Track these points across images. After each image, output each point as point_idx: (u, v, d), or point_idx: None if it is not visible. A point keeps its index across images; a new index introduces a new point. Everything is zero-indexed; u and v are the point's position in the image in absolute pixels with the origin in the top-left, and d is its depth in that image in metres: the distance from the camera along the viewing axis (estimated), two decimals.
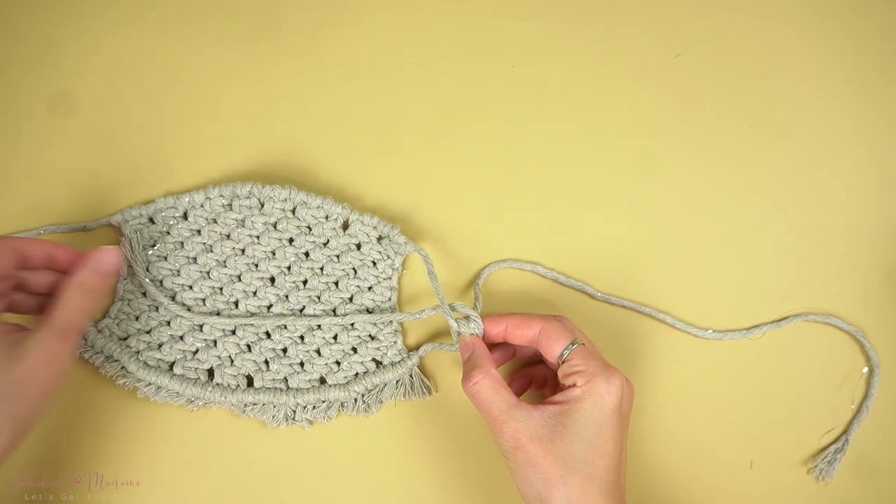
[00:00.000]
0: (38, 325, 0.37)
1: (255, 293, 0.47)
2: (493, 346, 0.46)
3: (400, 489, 0.46)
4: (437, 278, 0.46)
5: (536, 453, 0.40)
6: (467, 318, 0.45)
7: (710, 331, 0.49)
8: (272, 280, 0.48)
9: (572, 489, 0.38)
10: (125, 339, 0.47)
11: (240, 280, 0.47)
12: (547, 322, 0.43)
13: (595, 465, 0.39)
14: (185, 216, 0.48)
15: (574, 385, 0.41)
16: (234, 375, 0.46)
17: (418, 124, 0.52)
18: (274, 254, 0.48)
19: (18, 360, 0.34)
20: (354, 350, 0.47)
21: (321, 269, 0.48)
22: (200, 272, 0.47)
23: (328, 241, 0.48)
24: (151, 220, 0.48)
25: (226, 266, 0.47)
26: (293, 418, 0.46)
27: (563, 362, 0.42)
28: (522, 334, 0.44)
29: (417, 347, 0.48)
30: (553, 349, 0.42)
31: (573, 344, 0.42)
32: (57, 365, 0.36)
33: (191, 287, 0.47)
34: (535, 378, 0.47)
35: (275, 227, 0.48)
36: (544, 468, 0.39)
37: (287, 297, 0.47)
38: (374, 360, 0.47)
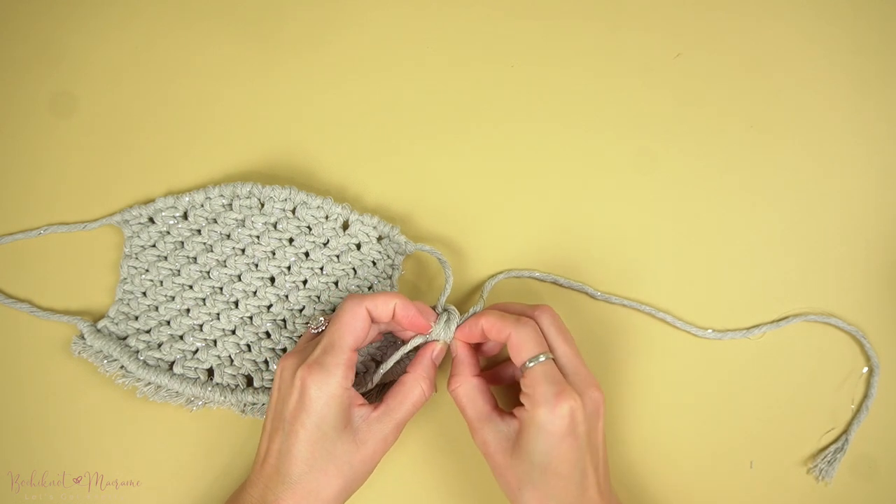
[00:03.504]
0: (379, 413, 0.41)
1: (255, 293, 0.47)
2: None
3: (400, 489, 0.46)
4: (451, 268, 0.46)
5: (500, 464, 0.40)
6: (448, 320, 0.44)
7: (710, 330, 0.49)
8: (272, 280, 0.48)
9: None
10: (125, 338, 0.47)
11: (240, 280, 0.47)
12: (517, 329, 0.41)
13: (550, 485, 0.38)
14: (186, 216, 0.48)
15: (524, 406, 0.40)
16: (234, 375, 0.46)
17: (418, 124, 0.52)
18: (274, 254, 0.48)
19: (362, 446, 0.40)
20: None
21: (321, 268, 0.48)
22: (200, 272, 0.47)
23: (328, 241, 0.48)
24: (151, 220, 0.48)
25: (226, 266, 0.47)
26: None
27: (522, 377, 0.41)
28: (496, 338, 0.43)
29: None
30: (517, 359, 0.41)
31: (531, 361, 0.40)
32: (387, 448, 0.41)
33: (191, 287, 0.47)
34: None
35: (275, 227, 0.48)
36: (506, 479, 0.40)
37: (287, 297, 0.47)
38: (374, 360, 0.47)
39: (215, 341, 0.47)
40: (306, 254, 0.48)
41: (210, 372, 0.47)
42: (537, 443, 0.39)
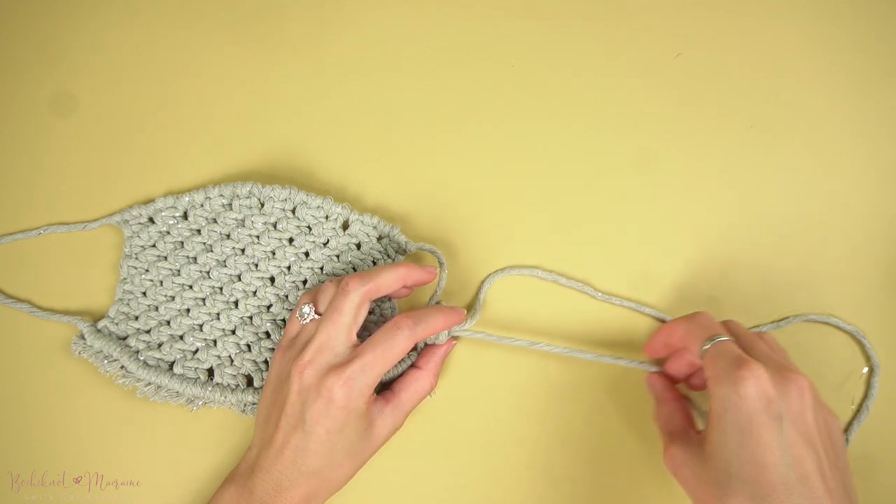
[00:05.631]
0: (392, 406, 0.42)
1: (254, 293, 0.47)
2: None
3: (399, 489, 0.46)
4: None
5: (691, 478, 0.36)
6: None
7: None
8: (272, 280, 0.48)
9: None
10: (125, 338, 0.47)
11: (240, 280, 0.47)
12: (688, 319, 0.41)
13: (754, 481, 0.32)
14: (185, 216, 0.48)
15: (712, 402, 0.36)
16: (234, 375, 0.46)
17: (418, 124, 0.52)
18: (274, 253, 0.48)
19: (375, 438, 0.42)
20: None
21: (321, 268, 0.48)
22: (200, 272, 0.47)
23: (328, 240, 0.48)
24: (151, 220, 0.48)
25: (226, 266, 0.47)
26: None
27: (703, 364, 0.38)
28: (669, 338, 0.43)
29: (415, 348, 0.48)
30: (694, 348, 0.39)
31: (707, 343, 0.37)
32: (394, 433, 0.43)
33: (191, 287, 0.47)
34: None
35: (275, 226, 0.48)
36: (702, 496, 0.35)
37: (287, 297, 0.47)
38: None
39: (215, 341, 0.47)
40: (306, 253, 0.48)
41: (210, 372, 0.47)
42: (728, 432, 0.34)
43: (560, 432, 0.47)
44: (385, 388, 0.44)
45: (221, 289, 0.47)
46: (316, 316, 0.43)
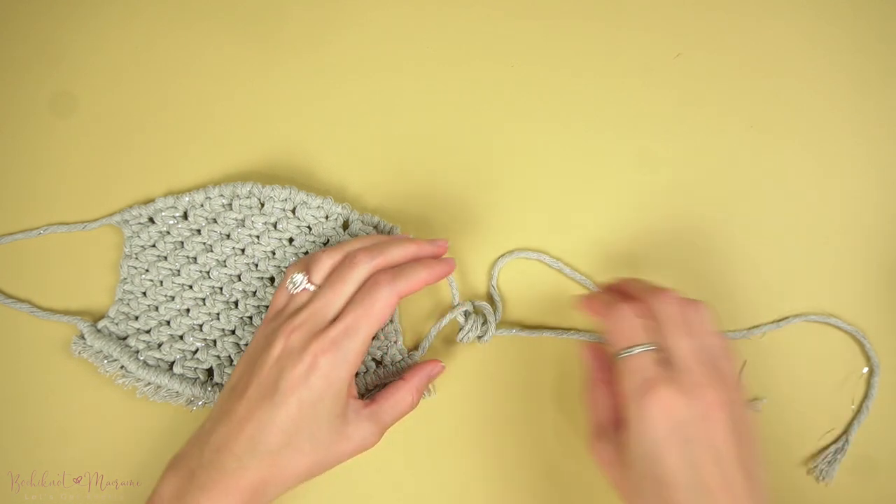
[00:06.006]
0: (370, 411, 0.40)
1: (254, 293, 0.47)
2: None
3: (399, 489, 0.46)
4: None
5: (613, 478, 0.37)
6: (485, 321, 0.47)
7: None
8: (272, 280, 0.48)
9: None
10: (124, 338, 0.47)
11: (239, 280, 0.47)
12: (613, 313, 0.38)
13: (663, 500, 0.33)
14: (185, 216, 0.48)
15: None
16: None
17: (418, 124, 0.52)
18: (274, 254, 0.48)
19: (344, 439, 0.38)
20: None
21: None
22: (200, 272, 0.47)
23: (328, 240, 0.48)
24: (151, 220, 0.48)
25: (225, 266, 0.47)
26: None
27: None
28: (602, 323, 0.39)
29: (417, 347, 0.48)
30: (612, 350, 0.37)
31: (624, 351, 0.36)
32: (364, 449, 0.39)
33: (191, 287, 0.47)
34: None
35: (275, 226, 0.48)
36: (623, 495, 0.36)
37: None
38: (373, 359, 0.47)
39: (215, 341, 0.47)
40: (306, 253, 0.48)
41: (210, 372, 0.47)
42: (636, 447, 0.34)
43: (560, 432, 0.47)
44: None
45: (221, 289, 0.47)
46: (309, 286, 0.40)
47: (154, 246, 0.48)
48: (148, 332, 0.47)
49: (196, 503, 0.35)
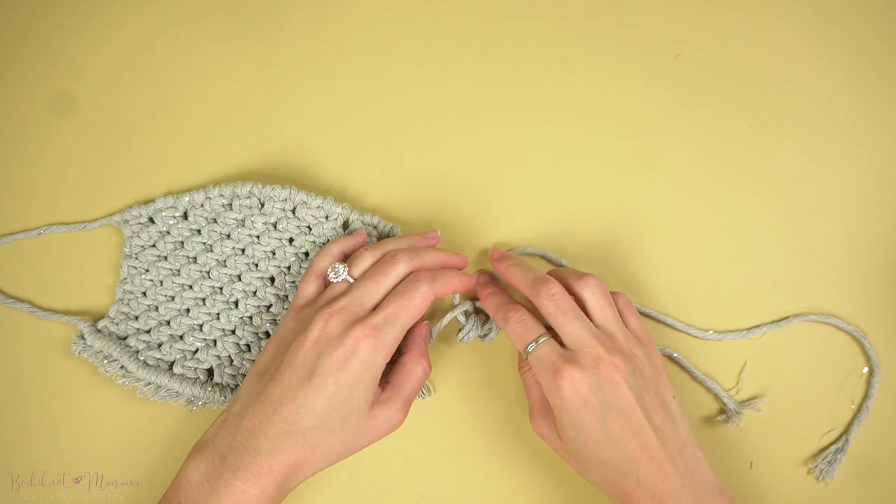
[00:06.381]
0: (388, 394, 0.41)
1: (254, 293, 0.47)
2: None
3: (399, 489, 0.46)
4: None
5: (558, 449, 0.42)
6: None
7: (711, 332, 0.49)
8: (272, 280, 0.48)
9: (598, 483, 0.40)
10: (124, 338, 0.47)
11: (239, 280, 0.47)
12: (506, 321, 0.42)
13: (602, 457, 0.39)
14: (186, 216, 0.48)
15: None
16: (234, 375, 0.46)
17: (418, 124, 0.52)
18: (274, 254, 0.48)
19: (373, 423, 0.40)
20: None
21: None
22: (200, 272, 0.47)
23: (328, 241, 0.48)
24: (151, 220, 0.48)
25: (226, 266, 0.47)
26: None
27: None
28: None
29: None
30: (519, 351, 0.42)
31: (525, 350, 0.41)
32: (392, 429, 0.41)
33: (191, 287, 0.47)
34: None
35: (275, 226, 0.48)
36: (570, 462, 0.41)
37: (287, 296, 0.47)
38: None
39: (215, 341, 0.47)
40: (306, 254, 0.48)
41: (210, 372, 0.47)
42: (565, 424, 0.39)
43: None
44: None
45: (221, 289, 0.47)
46: (349, 277, 0.42)
47: (154, 246, 0.48)
48: (148, 332, 0.47)
49: (228, 485, 0.36)
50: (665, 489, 0.38)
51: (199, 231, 0.48)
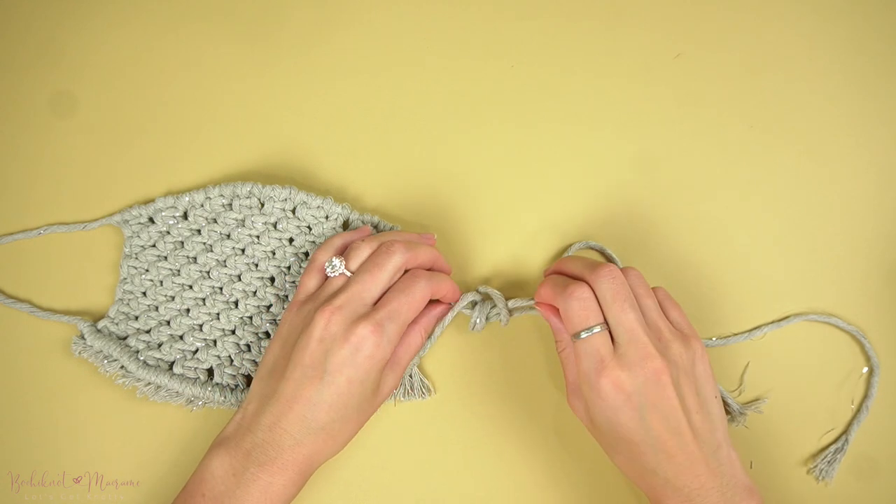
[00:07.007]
0: (391, 363, 0.42)
1: (254, 293, 0.47)
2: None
3: (399, 489, 0.46)
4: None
5: (590, 429, 0.42)
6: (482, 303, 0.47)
7: (714, 339, 0.49)
8: (272, 280, 0.48)
9: (622, 466, 0.41)
10: (124, 338, 0.47)
11: (239, 280, 0.47)
12: (563, 301, 0.41)
13: (630, 451, 0.39)
14: (185, 216, 0.48)
15: None
16: (234, 375, 0.46)
17: (418, 124, 0.52)
18: (274, 253, 0.48)
19: (378, 402, 0.42)
20: None
21: None
22: (200, 272, 0.47)
23: None
24: (151, 220, 0.48)
25: (226, 266, 0.47)
26: None
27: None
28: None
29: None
30: (569, 334, 0.41)
31: (575, 336, 0.40)
32: (390, 393, 0.43)
33: (191, 287, 0.47)
34: None
35: (275, 226, 0.48)
36: (600, 442, 0.42)
37: (287, 297, 0.47)
38: None
39: (215, 341, 0.47)
40: (306, 254, 0.48)
41: (210, 372, 0.47)
42: (597, 415, 0.40)
43: (561, 431, 0.47)
44: None
45: (221, 289, 0.47)
46: (346, 271, 0.42)
47: (154, 246, 0.48)
48: (148, 332, 0.47)
49: (255, 478, 0.38)
50: (694, 487, 0.38)
51: (199, 231, 0.48)
